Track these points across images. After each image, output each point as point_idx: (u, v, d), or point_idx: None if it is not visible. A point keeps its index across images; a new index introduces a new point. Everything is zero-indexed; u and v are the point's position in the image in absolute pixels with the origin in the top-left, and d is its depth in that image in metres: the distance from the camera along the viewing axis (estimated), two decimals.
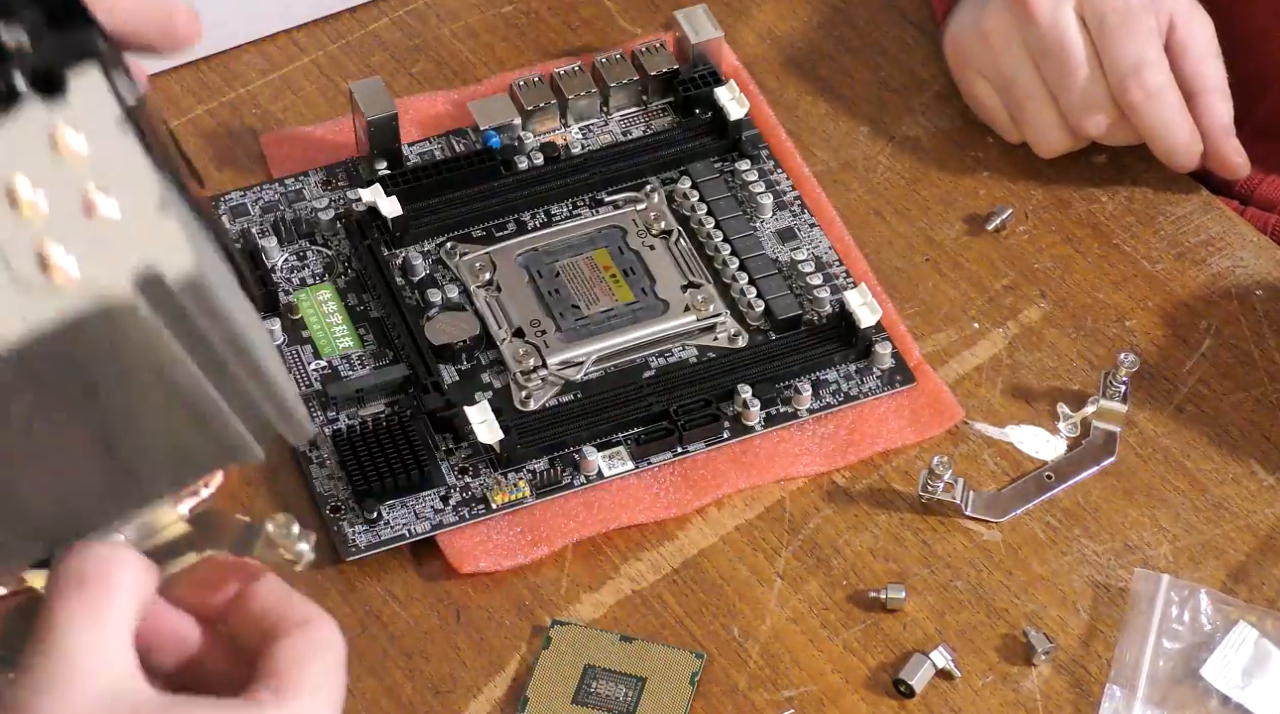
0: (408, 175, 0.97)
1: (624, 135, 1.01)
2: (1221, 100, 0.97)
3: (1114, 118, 0.96)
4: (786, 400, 0.91)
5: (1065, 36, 0.95)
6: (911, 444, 0.90)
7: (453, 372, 0.91)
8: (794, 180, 0.99)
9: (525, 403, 0.90)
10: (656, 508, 0.88)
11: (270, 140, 1.01)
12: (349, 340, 0.93)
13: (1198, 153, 0.97)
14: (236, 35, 1.05)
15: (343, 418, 0.90)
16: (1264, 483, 0.89)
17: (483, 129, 0.99)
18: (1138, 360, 0.90)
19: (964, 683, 0.83)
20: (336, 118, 1.01)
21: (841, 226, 0.97)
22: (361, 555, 0.86)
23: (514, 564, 0.86)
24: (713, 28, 1.01)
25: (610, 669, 0.83)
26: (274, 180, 0.99)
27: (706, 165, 0.98)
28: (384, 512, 0.87)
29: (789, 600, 0.85)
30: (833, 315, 0.93)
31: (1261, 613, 0.84)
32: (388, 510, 0.87)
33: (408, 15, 1.07)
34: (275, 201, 0.98)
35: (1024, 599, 0.85)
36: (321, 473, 0.88)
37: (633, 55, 1.01)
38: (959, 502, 0.87)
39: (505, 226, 0.97)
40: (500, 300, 0.93)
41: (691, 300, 0.93)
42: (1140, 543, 0.87)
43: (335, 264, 0.95)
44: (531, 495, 0.88)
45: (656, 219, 0.96)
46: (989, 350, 0.94)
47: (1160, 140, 0.96)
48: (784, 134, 1.01)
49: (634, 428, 0.89)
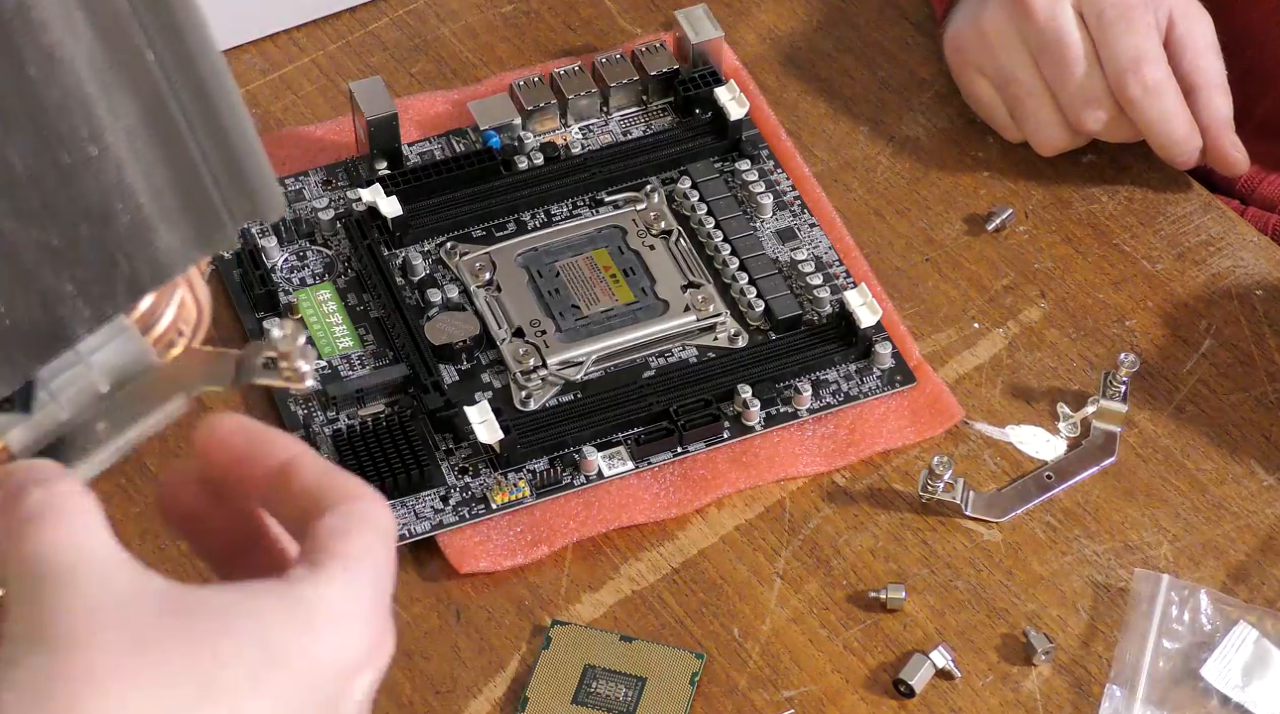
0: (408, 175, 0.97)
1: (624, 135, 1.01)
2: (1221, 95, 0.97)
3: (1113, 113, 0.96)
4: (786, 400, 0.91)
5: (1063, 32, 0.95)
6: (911, 444, 0.90)
7: (453, 372, 0.91)
8: (794, 180, 0.99)
9: (525, 403, 0.90)
10: (656, 508, 0.88)
11: (270, 140, 1.01)
12: (349, 340, 0.93)
13: (1197, 148, 0.97)
14: (236, 35, 1.05)
15: (343, 418, 0.90)
16: (1264, 483, 0.89)
17: (483, 129, 0.99)
18: (1138, 360, 0.90)
19: (964, 683, 0.83)
20: (337, 118, 1.01)
21: (841, 226, 0.97)
22: None
23: (514, 564, 0.86)
24: (713, 28, 1.01)
25: (610, 669, 0.83)
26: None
27: (706, 165, 0.98)
28: None
29: (789, 600, 0.85)
30: (833, 315, 0.93)
31: (1261, 613, 0.84)
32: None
33: (408, 15, 1.07)
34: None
35: (1024, 599, 0.85)
36: None
37: (633, 55, 1.01)
38: (959, 502, 0.87)
39: (505, 226, 0.97)
40: (500, 300, 0.93)
41: (691, 300, 0.93)
42: (1140, 543, 0.87)
43: (335, 264, 0.95)
44: (531, 495, 0.88)
45: (656, 219, 0.96)
46: (989, 350, 0.94)
47: (1159, 135, 0.96)
48: (784, 134, 1.01)
49: (634, 428, 0.89)
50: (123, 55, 0.54)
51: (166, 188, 0.55)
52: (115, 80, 0.54)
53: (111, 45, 0.53)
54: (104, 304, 0.55)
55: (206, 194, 0.56)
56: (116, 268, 0.55)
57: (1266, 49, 1.00)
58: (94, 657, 0.52)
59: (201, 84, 0.56)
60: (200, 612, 0.54)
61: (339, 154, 1.00)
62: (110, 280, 0.55)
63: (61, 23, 0.52)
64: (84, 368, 0.57)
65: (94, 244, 0.54)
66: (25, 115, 0.52)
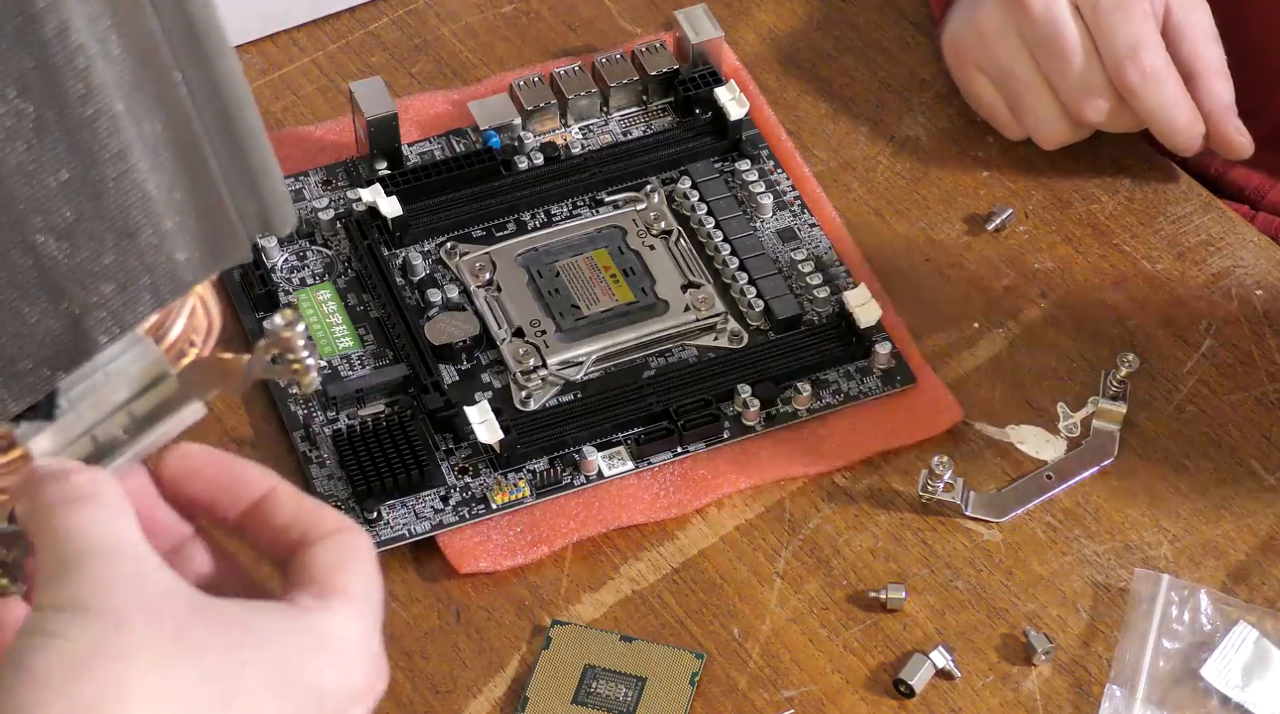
0: (408, 175, 0.97)
1: (624, 135, 1.01)
2: (1221, 80, 0.97)
3: (1114, 103, 0.96)
4: (786, 400, 0.91)
5: (1059, 24, 0.95)
6: (911, 444, 0.90)
7: (453, 372, 0.91)
8: (794, 180, 0.99)
9: (525, 403, 0.90)
10: (656, 508, 0.88)
11: (270, 140, 1.00)
12: (349, 340, 0.93)
13: (1200, 133, 0.96)
14: (237, 35, 1.05)
15: (342, 418, 0.90)
16: (1264, 483, 0.89)
17: (483, 129, 0.99)
18: (1138, 360, 0.90)
19: (964, 683, 0.83)
20: (337, 117, 1.01)
21: (841, 226, 0.97)
22: None
23: (514, 564, 0.86)
24: (713, 28, 1.01)
25: (610, 669, 0.83)
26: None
27: (706, 165, 0.98)
28: (384, 512, 0.87)
29: (789, 600, 0.85)
30: (833, 315, 0.93)
31: (1261, 613, 0.84)
32: (387, 510, 0.87)
33: (408, 15, 1.07)
34: None
35: (1024, 599, 0.85)
36: (321, 473, 0.88)
37: (633, 55, 1.01)
38: (959, 501, 0.87)
39: (505, 226, 0.97)
40: (500, 300, 0.93)
41: (691, 300, 0.93)
42: (1140, 543, 0.87)
43: (335, 264, 0.95)
44: (531, 495, 0.88)
45: (656, 219, 0.96)
46: (989, 350, 0.94)
47: (1160, 123, 0.96)
48: (784, 134, 1.01)
49: (634, 428, 0.89)
50: (153, 76, 0.55)
51: (188, 204, 0.57)
52: (144, 100, 0.55)
53: (143, 67, 0.55)
54: (126, 316, 0.56)
55: (225, 210, 0.58)
56: (139, 281, 0.56)
57: (1275, 55, 1.00)
58: (139, 639, 0.53)
59: (225, 106, 0.57)
60: (228, 619, 0.55)
61: (339, 154, 1.00)
62: (132, 293, 0.56)
63: (97, 45, 0.54)
64: (101, 377, 0.58)
65: (119, 258, 0.56)
66: (61, 132, 0.53)
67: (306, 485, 0.88)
